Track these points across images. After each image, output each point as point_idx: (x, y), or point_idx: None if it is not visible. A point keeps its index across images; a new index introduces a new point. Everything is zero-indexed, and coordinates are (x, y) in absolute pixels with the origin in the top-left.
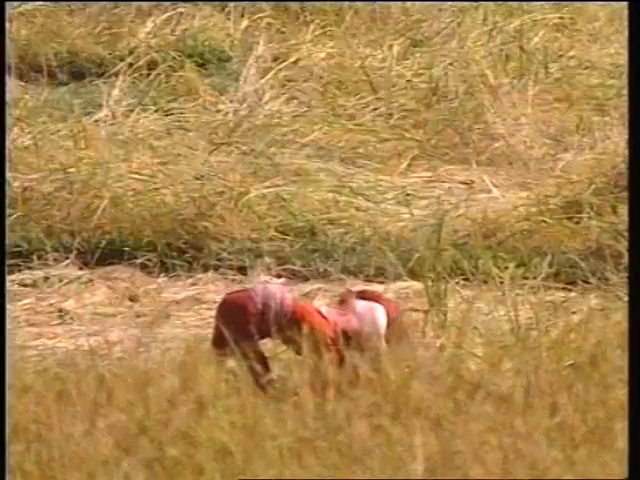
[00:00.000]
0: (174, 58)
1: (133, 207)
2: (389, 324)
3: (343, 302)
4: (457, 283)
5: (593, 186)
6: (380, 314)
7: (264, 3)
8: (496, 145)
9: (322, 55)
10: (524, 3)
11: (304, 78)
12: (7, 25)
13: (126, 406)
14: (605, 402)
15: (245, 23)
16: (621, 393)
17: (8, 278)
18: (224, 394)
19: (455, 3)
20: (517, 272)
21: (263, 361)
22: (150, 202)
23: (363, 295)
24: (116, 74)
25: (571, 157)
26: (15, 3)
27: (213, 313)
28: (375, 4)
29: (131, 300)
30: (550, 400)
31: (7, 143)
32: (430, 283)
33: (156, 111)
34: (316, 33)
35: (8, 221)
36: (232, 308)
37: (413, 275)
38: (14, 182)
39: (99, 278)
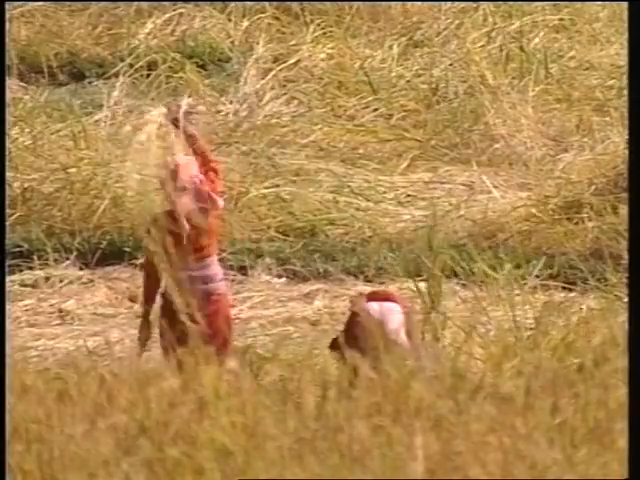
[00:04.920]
0: (174, 59)
1: (133, 207)
2: (405, 321)
3: (354, 305)
4: (457, 284)
5: (593, 187)
6: (398, 312)
7: (265, 3)
8: (496, 146)
9: (322, 56)
10: (524, 4)
11: (304, 79)
12: (7, 25)
13: (126, 406)
14: (606, 402)
15: (245, 24)
16: (621, 393)
17: (9, 278)
18: (224, 394)
19: (455, 4)
20: (517, 272)
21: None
22: (150, 203)
23: (374, 296)
24: (116, 75)
25: (571, 158)
26: (15, 3)
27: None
28: (375, 5)
29: (131, 300)
30: (551, 400)
31: (7, 143)
32: (430, 284)
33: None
34: (316, 34)
35: (8, 221)
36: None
37: (413, 276)
38: (14, 182)
39: (99, 278)
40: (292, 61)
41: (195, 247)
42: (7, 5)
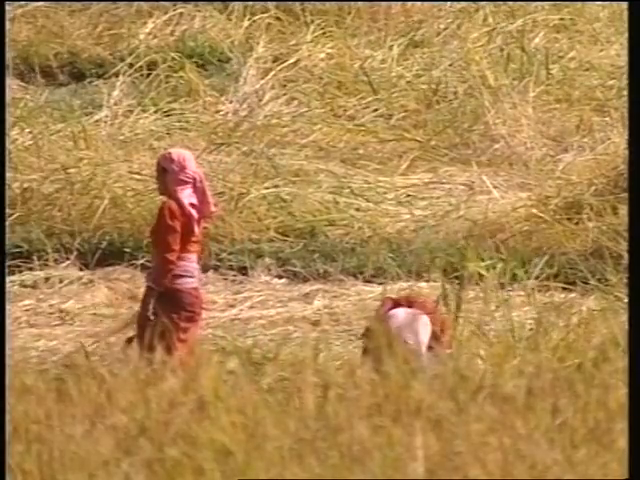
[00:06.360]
0: (174, 59)
1: (133, 208)
2: (433, 331)
3: (380, 311)
4: (457, 284)
5: (593, 187)
6: (424, 323)
7: (265, 3)
8: (496, 146)
9: (322, 56)
10: (524, 4)
11: (304, 79)
12: (7, 25)
13: (126, 407)
14: (606, 402)
15: (245, 24)
16: (621, 393)
17: (8, 279)
18: (224, 394)
19: (455, 4)
20: (517, 273)
21: None
22: (150, 203)
23: (401, 302)
24: (116, 75)
25: (571, 158)
26: (15, 3)
27: (212, 314)
28: (375, 5)
29: (131, 301)
30: (551, 401)
31: (7, 143)
32: (431, 284)
33: (156, 112)
34: (316, 34)
35: (8, 221)
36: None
37: (413, 276)
38: (14, 182)
39: (99, 279)
40: (292, 61)
41: (185, 240)
42: (7, 5)
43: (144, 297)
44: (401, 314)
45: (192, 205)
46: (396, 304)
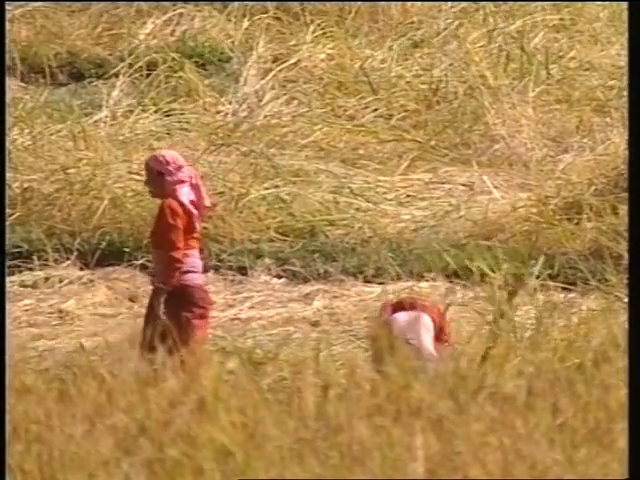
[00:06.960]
0: (174, 59)
1: (133, 208)
2: (435, 331)
3: (381, 314)
4: (457, 284)
5: (593, 187)
6: (425, 323)
7: (265, 3)
8: (496, 146)
9: (322, 56)
10: (524, 4)
11: (304, 79)
12: (7, 26)
13: (126, 407)
14: (606, 402)
15: (245, 24)
16: (622, 393)
17: (8, 279)
18: (225, 394)
19: (455, 4)
20: (517, 273)
21: None
22: (150, 203)
23: (402, 305)
24: (116, 75)
25: (571, 158)
26: (15, 3)
27: (212, 314)
28: (375, 5)
29: (131, 301)
30: (551, 401)
31: (7, 143)
32: (432, 284)
33: (156, 112)
34: (316, 34)
35: (8, 221)
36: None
37: (413, 276)
38: (14, 182)
39: (99, 279)
40: (292, 61)
41: (188, 237)
42: (7, 5)
43: (152, 299)
44: (403, 317)
45: (191, 202)
46: (397, 308)
